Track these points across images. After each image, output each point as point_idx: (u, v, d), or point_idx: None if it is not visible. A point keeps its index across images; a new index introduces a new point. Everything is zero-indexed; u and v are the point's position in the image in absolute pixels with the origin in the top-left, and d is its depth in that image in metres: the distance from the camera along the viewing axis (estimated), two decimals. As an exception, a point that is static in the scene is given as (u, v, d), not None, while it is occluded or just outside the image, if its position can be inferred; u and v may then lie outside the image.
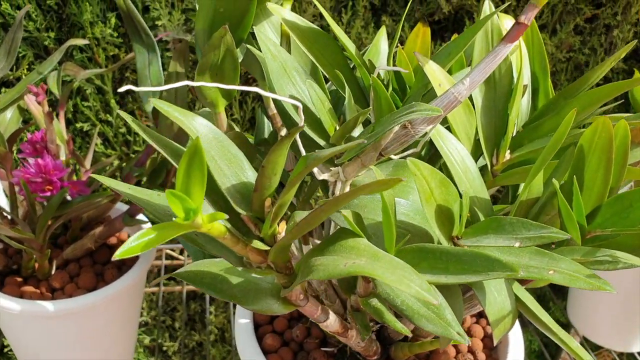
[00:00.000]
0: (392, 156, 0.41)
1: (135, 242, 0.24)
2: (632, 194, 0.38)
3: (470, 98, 0.45)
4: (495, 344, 0.39)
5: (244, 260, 0.32)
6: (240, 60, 0.47)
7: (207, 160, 0.29)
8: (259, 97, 0.80)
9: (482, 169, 0.47)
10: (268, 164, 0.26)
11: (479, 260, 0.31)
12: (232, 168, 0.29)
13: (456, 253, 0.32)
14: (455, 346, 0.51)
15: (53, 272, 0.64)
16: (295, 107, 0.35)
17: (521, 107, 0.48)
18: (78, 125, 0.81)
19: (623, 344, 0.86)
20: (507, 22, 0.51)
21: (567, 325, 0.95)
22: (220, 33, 0.39)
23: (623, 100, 0.89)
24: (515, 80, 0.46)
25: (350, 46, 0.43)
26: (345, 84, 0.42)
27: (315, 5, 0.76)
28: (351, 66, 0.46)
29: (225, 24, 0.42)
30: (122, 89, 0.29)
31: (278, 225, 0.31)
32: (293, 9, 0.76)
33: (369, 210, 0.37)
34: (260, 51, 0.42)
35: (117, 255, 0.23)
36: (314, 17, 0.78)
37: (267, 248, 0.30)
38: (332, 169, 0.40)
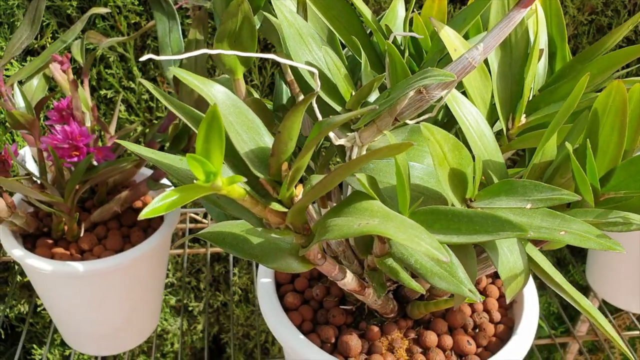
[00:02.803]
0: (408, 121, 0.42)
1: (159, 202, 0.25)
2: (645, 157, 0.38)
3: (486, 63, 0.45)
4: (508, 302, 0.40)
5: (263, 221, 0.33)
6: (258, 27, 0.48)
7: (226, 125, 0.30)
8: (277, 63, 0.81)
9: (498, 133, 0.48)
10: (284, 129, 0.27)
11: (489, 221, 0.32)
12: (250, 133, 0.30)
13: (467, 214, 0.33)
14: (470, 305, 0.52)
15: (82, 234, 0.66)
16: (311, 73, 0.36)
17: (538, 71, 0.48)
18: (102, 92, 0.82)
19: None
20: (525, -16, 0.51)
21: (586, 289, 0.96)
22: (238, 1, 0.39)
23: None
24: (531, 44, 0.46)
25: (367, 12, 0.44)
26: (362, 50, 0.42)
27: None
28: (368, 32, 0.47)
29: (243, -9, 0.42)
30: (143, 58, 0.30)
31: (295, 188, 0.32)
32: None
33: (384, 174, 0.38)
34: (277, 18, 0.42)
35: (143, 215, 0.25)
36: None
37: (285, 210, 0.32)
38: (348, 134, 0.41)
